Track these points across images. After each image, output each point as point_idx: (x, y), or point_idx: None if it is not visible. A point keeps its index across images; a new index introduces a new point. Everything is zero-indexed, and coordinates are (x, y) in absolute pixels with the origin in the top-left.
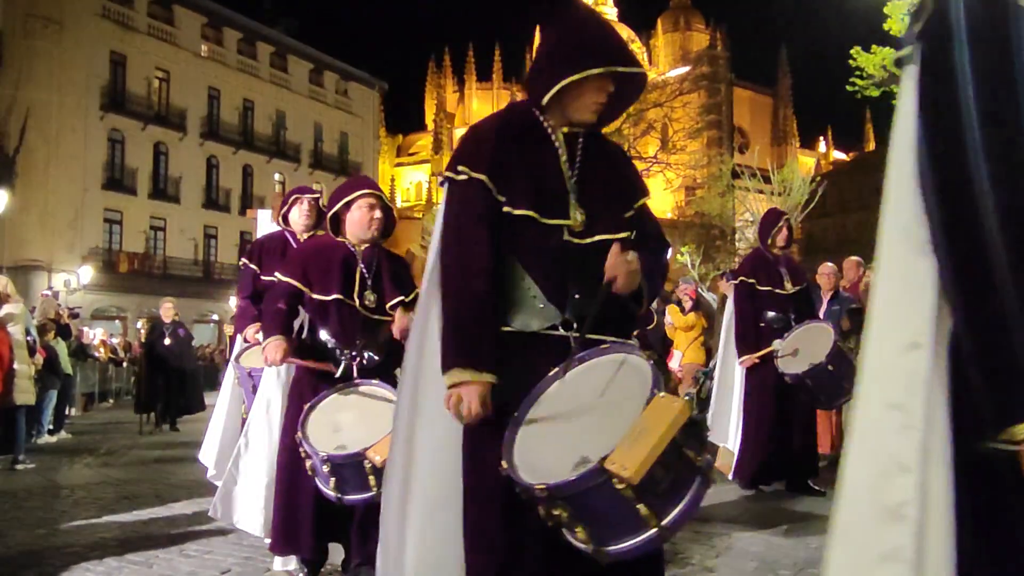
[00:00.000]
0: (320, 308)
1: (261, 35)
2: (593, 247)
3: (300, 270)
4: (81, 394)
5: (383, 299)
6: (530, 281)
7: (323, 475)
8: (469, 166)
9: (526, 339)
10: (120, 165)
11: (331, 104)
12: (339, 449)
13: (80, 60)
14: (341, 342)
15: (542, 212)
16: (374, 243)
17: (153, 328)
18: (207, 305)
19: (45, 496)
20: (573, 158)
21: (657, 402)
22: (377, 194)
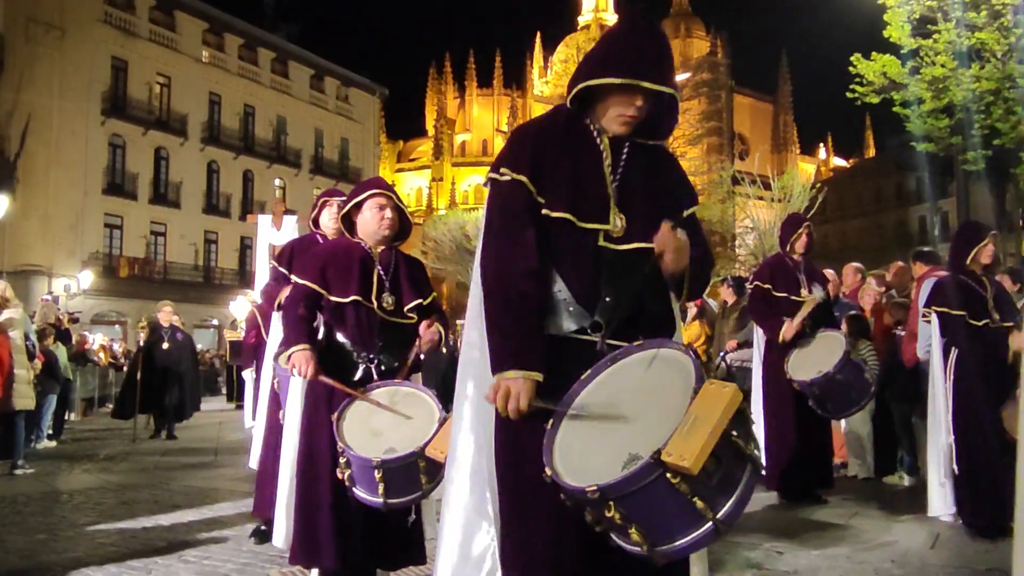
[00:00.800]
0: (337, 310)
1: (262, 41)
2: (630, 254)
3: (318, 272)
4: (81, 399)
5: (401, 301)
6: (561, 284)
7: (370, 482)
8: (511, 167)
9: (558, 343)
10: (121, 170)
11: (332, 110)
12: (390, 452)
13: (81, 65)
14: (359, 345)
15: (580, 215)
16: (390, 245)
17: (152, 331)
18: (207, 310)
19: (44, 501)
20: (617, 163)
21: (707, 390)
22: (388, 194)
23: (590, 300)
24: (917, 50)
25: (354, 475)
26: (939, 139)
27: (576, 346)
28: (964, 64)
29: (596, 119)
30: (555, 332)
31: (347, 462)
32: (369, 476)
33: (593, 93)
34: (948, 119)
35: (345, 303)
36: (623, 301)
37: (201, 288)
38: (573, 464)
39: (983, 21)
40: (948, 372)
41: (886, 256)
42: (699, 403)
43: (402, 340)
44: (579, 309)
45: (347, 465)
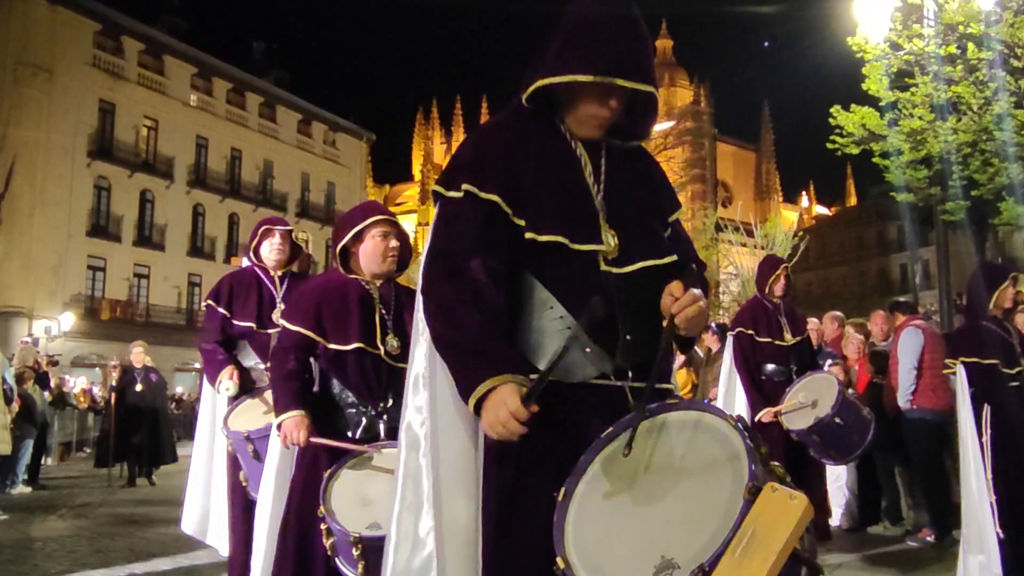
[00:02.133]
0: (337, 359)
1: (250, 85)
2: (636, 277)
3: (312, 316)
4: (59, 443)
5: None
6: (569, 319)
7: (350, 558)
8: (475, 182)
9: (569, 391)
10: (106, 212)
11: (319, 154)
12: (372, 528)
13: (69, 108)
14: (363, 397)
15: (573, 237)
16: (389, 278)
17: (124, 373)
18: (190, 353)
19: (17, 549)
20: (597, 172)
21: (770, 499)
22: (392, 220)
23: (607, 338)
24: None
25: (336, 545)
26: (918, 189)
27: (596, 394)
28: (941, 116)
29: (561, 120)
30: (567, 379)
31: (328, 530)
32: (348, 551)
33: (556, 90)
34: (927, 170)
35: (346, 351)
36: (645, 338)
37: (184, 331)
38: (589, 555)
39: (959, 75)
40: (984, 426)
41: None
42: (759, 515)
43: None
44: (597, 350)
45: (328, 533)
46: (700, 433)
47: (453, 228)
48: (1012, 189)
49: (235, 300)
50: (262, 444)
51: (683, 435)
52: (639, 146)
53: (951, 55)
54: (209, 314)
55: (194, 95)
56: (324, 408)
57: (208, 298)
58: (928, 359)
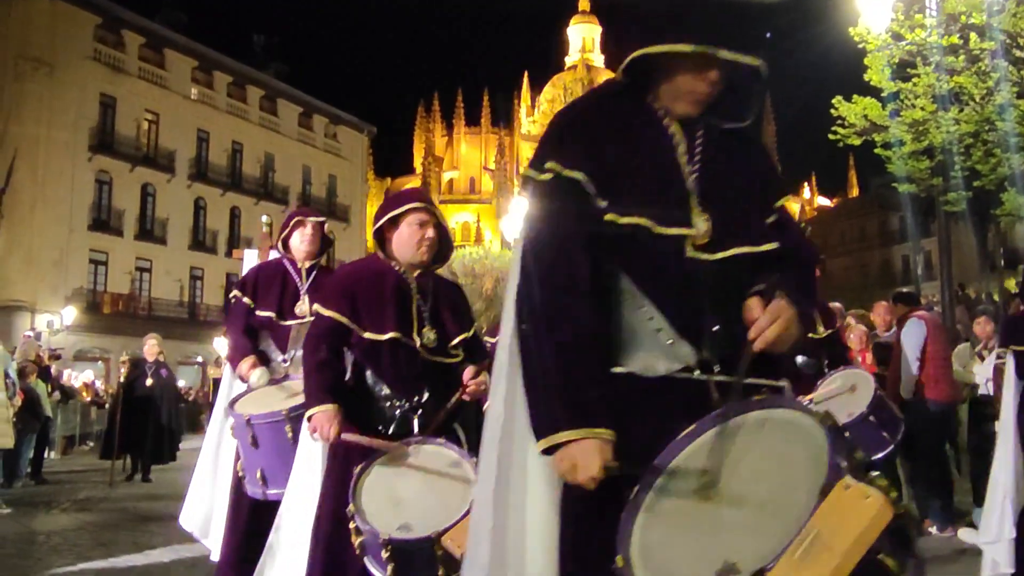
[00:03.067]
0: (372, 350)
1: (251, 79)
2: (727, 264)
3: (347, 302)
4: (62, 437)
5: (445, 336)
6: (651, 309)
7: (379, 560)
8: (559, 161)
9: (647, 386)
10: (107, 206)
11: (320, 147)
12: (403, 530)
13: (70, 102)
14: (398, 390)
15: (658, 219)
16: (427, 269)
17: (134, 367)
18: (192, 347)
19: (20, 543)
20: (692, 152)
21: (840, 497)
22: (431, 209)
23: (692, 329)
24: (897, 93)
25: (365, 546)
26: (920, 180)
27: (677, 389)
28: (944, 107)
29: (656, 96)
30: (647, 372)
31: (356, 529)
32: (378, 553)
33: (652, 64)
34: (929, 161)
35: (381, 341)
36: (734, 329)
37: (186, 325)
38: (653, 558)
39: (961, 65)
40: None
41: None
42: (826, 513)
43: (448, 384)
44: (682, 343)
45: (357, 532)
46: (784, 432)
47: (544, 215)
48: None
49: (259, 290)
50: (262, 432)
51: (767, 434)
52: (741, 127)
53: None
54: (235, 304)
55: (195, 88)
56: (357, 400)
57: (235, 288)
58: (931, 350)
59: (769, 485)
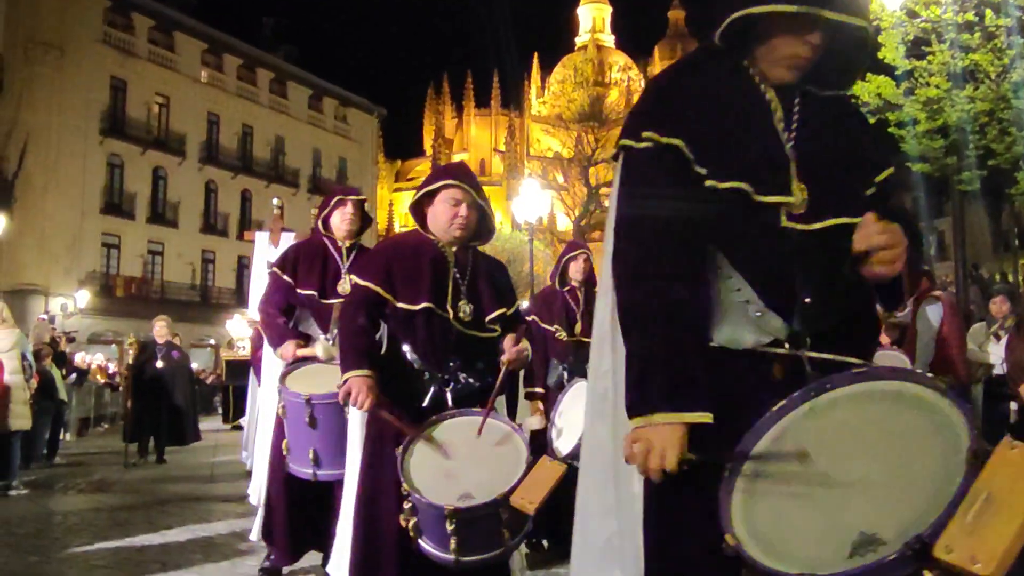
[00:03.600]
0: (406, 320)
1: (261, 61)
2: (823, 235)
3: (384, 273)
4: (77, 419)
5: (482, 311)
6: (739, 280)
7: (440, 535)
8: (657, 129)
9: (734, 359)
10: (119, 189)
11: (330, 129)
12: (465, 499)
13: (80, 85)
14: (430, 363)
15: (757, 186)
16: (467, 244)
17: (143, 349)
18: (204, 330)
19: (38, 523)
20: (789, 119)
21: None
22: (465, 187)
23: (782, 301)
24: (912, 71)
25: (421, 524)
26: (934, 159)
27: (763, 365)
28: (958, 85)
29: (753, 61)
30: (734, 345)
31: (412, 508)
32: (439, 527)
33: (749, 27)
34: (943, 139)
35: (415, 311)
36: (829, 302)
37: (198, 307)
38: (764, 533)
39: (977, 43)
40: None
41: None
42: (993, 475)
43: (482, 358)
44: (769, 315)
45: (412, 511)
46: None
47: (641, 187)
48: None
49: (300, 268)
50: (322, 412)
51: (875, 406)
52: (842, 95)
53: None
54: (273, 282)
55: (205, 71)
56: (392, 373)
57: (273, 265)
58: (947, 330)
59: (888, 455)
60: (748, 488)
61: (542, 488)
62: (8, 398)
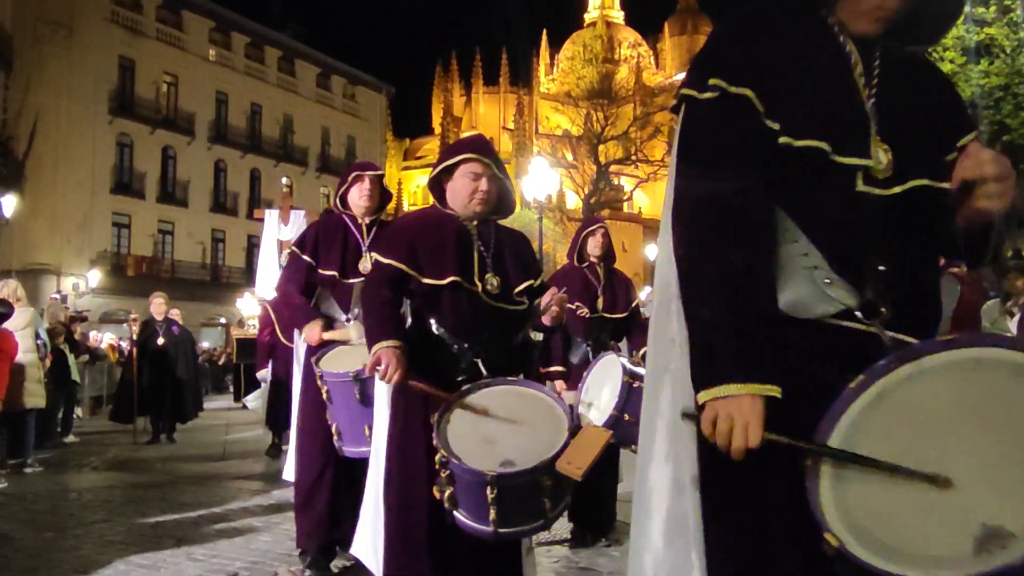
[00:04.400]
0: (432, 296)
1: (269, 39)
2: (903, 200)
3: (406, 250)
4: (90, 397)
5: (509, 283)
6: (807, 245)
7: (479, 504)
8: (724, 76)
9: (799, 328)
10: (128, 169)
11: (338, 108)
12: (507, 466)
13: (89, 65)
14: (460, 336)
15: (836, 145)
16: (488, 219)
17: (144, 326)
18: (215, 309)
19: (53, 499)
20: (870, 74)
21: None
22: (485, 160)
23: (855, 269)
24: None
25: (458, 494)
26: None
27: (834, 338)
28: (973, 60)
29: (833, 11)
30: (801, 314)
31: (450, 477)
32: (479, 496)
33: None
34: None
35: (441, 286)
36: (904, 271)
37: (208, 287)
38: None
39: (992, 17)
40: None
41: None
42: None
43: (512, 329)
44: (841, 283)
45: (449, 481)
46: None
47: (709, 139)
48: None
49: (320, 247)
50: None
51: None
52: (922, 54)
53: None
54: (293, 261)
55: (213, 50)
56: (419, 349)
57: (293, 245)
58: (962, 310)
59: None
60: (836, 474)
61: (588, 453)
62: (22, 376)
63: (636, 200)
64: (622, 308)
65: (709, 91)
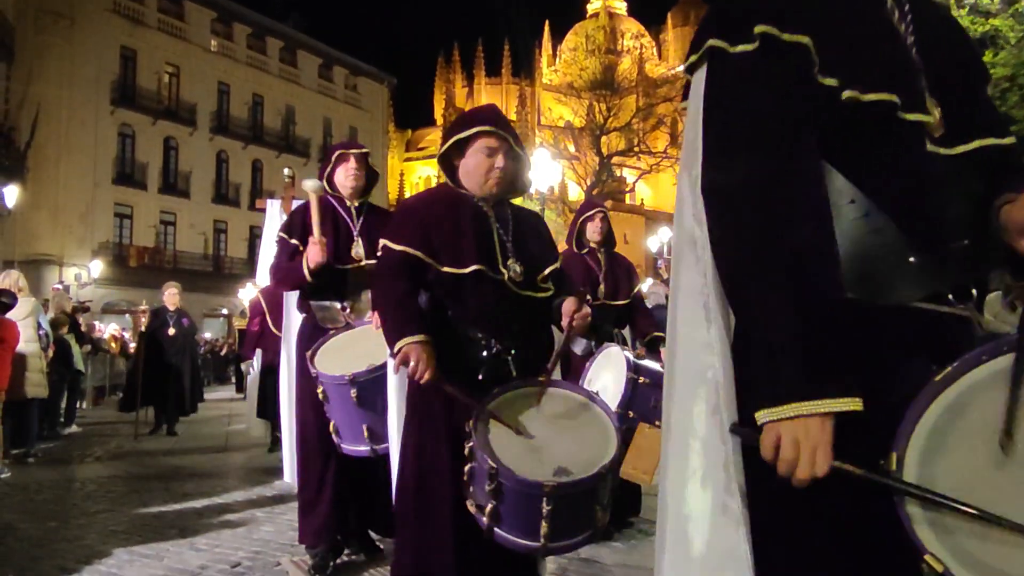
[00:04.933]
0: (453, 286)
1: (271, 30)
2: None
3: (419, 234)
4: (92, 387)
5: (533, 269)
6: (882, 219)
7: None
8: (774, 22)
9: (875, 316)
10: (130, 160)
11: (340, 99)
12: (562, 474)
13: (91, 55)
14: (487, 330)
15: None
16: (501, 200)
17: (155, 315)
18: (217, 300)
19: (56, 489)
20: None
21: None
22: (501, 133)
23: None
24: None
25: (503, 509)
26: None
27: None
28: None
29: None
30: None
31: (496, 490)
32: (531, 510)
33: None
34: None
35: (463, 275)
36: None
37: (211, 278)
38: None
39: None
40: None
41: None
42: None
43: (540, 321)
44: (921, 262)
45: (495, 494)
46: None
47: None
48: None
49: (309, 232)
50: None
51: None
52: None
53: None
54: (281, 248)
55: (214, 41)
56: (441, 346)
57: (280, 230)
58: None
59: None
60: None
61: (652, 456)
62: (24, 366)
63: (638, 192)
64: (624, 295)
65: (746, 42)
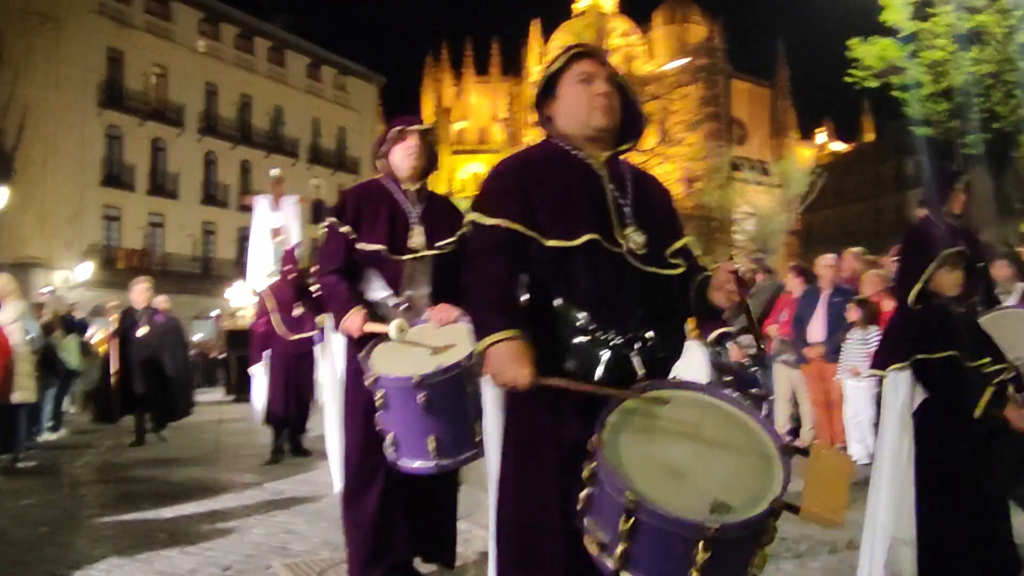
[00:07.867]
0: (559, 263)
1: (258, 30)
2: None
3: (519, 202)
4: (82, 391)
5: (658, 240)
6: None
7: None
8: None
9: None
10: (118, 161)
11: (329, 99)
12: (722, 512)
13: (77, 56)
14: (604, 317)
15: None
16: (615, 150)
17: (124, 316)
18: (206, 301)
19: (46, 494)
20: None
21: None
22: (601, 58)
23: None
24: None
25: (637, 552)
26: (938, 123)
27: None
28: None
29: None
30: None
31: (633, 528)
32: (678, 556)
33: None
34: (947, 102)
35: (573, 248)
36: None
37: (200, 279)
38: None
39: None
40: None
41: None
42: None
43: (670, 306)
44: None
45: (631, 534)
46: None
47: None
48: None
49: (362, 219)
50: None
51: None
52: None
53: None
54: (330, 236)
55: (201, 41)
56: (544, 339)
57: (328, 215)
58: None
59: None
60: None
61: (838, 489)
62: (12, 370)
63: None
64: None
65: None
